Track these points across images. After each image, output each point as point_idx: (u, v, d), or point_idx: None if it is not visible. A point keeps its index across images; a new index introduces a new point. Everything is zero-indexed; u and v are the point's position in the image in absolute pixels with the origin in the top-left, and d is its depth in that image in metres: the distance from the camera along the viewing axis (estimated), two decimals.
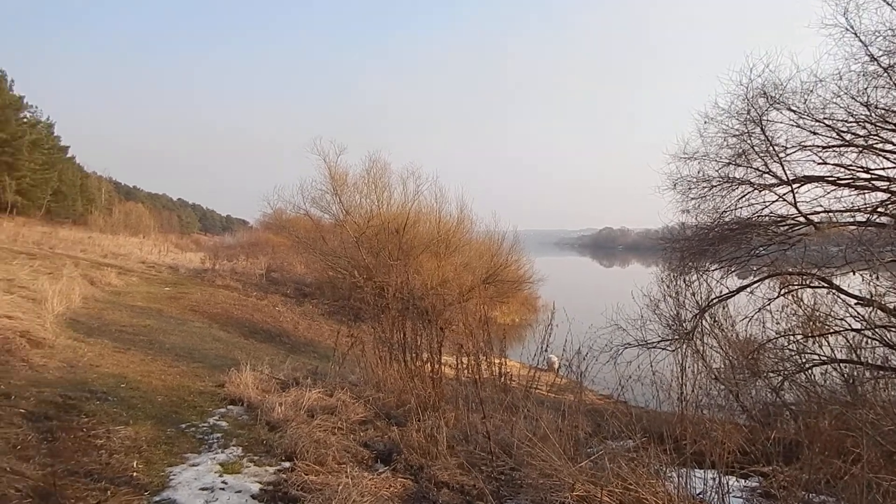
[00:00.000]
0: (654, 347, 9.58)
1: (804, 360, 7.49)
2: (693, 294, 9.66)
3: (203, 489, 3.40)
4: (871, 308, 6.91)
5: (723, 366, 8.02)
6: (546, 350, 6.05)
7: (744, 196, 9.49)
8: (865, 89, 8.03)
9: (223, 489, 3.42)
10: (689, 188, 10.00)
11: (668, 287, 9.99)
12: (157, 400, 5.33)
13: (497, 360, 6.45)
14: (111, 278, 15.14)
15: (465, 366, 6.48)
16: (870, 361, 6.86)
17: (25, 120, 39.30)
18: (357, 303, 20.04)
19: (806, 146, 8.80)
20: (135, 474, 3.50)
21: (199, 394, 5.86)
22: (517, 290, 28.17)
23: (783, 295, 8.42)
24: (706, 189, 9.78)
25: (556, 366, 8.69)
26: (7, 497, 2.92)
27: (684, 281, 9.97)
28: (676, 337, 9.57)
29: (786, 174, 8.91)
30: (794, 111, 8.68)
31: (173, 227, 68.86)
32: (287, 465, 3.87)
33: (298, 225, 28.49)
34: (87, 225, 43.91)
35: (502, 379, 6.42)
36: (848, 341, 7.15)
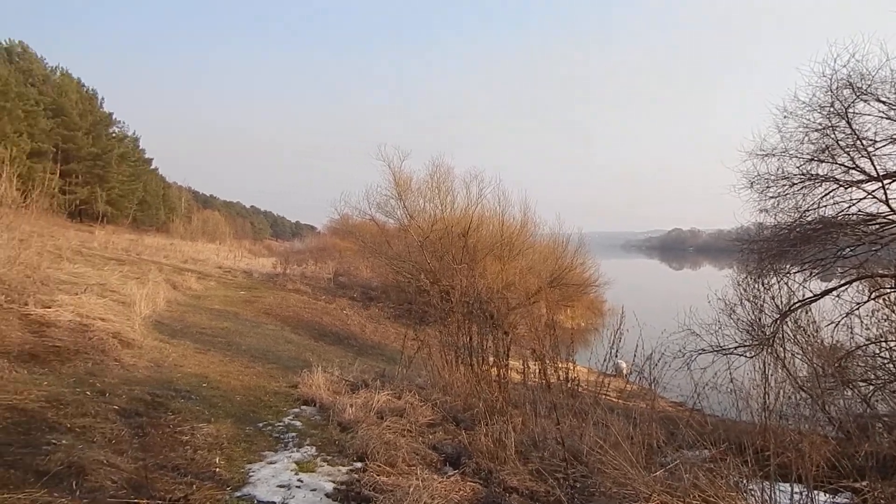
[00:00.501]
0: (730, 354, 9.16)
1: None
2: (773, 298, 9.19)
3: (280, 486, 3.53)
4: None
5: (807, 374, 7.58)
6: (616, 355, 5.91)
7: (828, 194, 8.93)
8: None
9: (299, 487, 3.54)
10: (768, 186, 9.51)
11: (745, 290, 9.54)
12: (235, 399, 5.60)
13: (564, 365, 6.36)
14: (191, 283, 15.99)
15: (531, 370, 6.43)
16: None
17: (114, 135, 42.24)
18: (422, 306, 20.30)
19: None
20: (217, 470, 3.68)
21: (274, 394, 6.11)
22: (582, 294, 27.65)
23: (873, 299, 7.89)
24: (786, 187, 9.27)
25: (625, 371, 8.47)
26: (104, 488, 3.14)
27: (763, 284, 9.49)
28: (755, 343, 9.12)
29: (875, 170, 8.33)
30: (883, 102, 8.11)
31: (247, 233, 71.95)
32: (359, 465, 3.96)
33: (364, 230, 29.10)
34: (168, 232, 46.58)
35: (570, 384, 6.32)
36: None
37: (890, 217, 8.35)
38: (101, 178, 38.48)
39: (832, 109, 8.49)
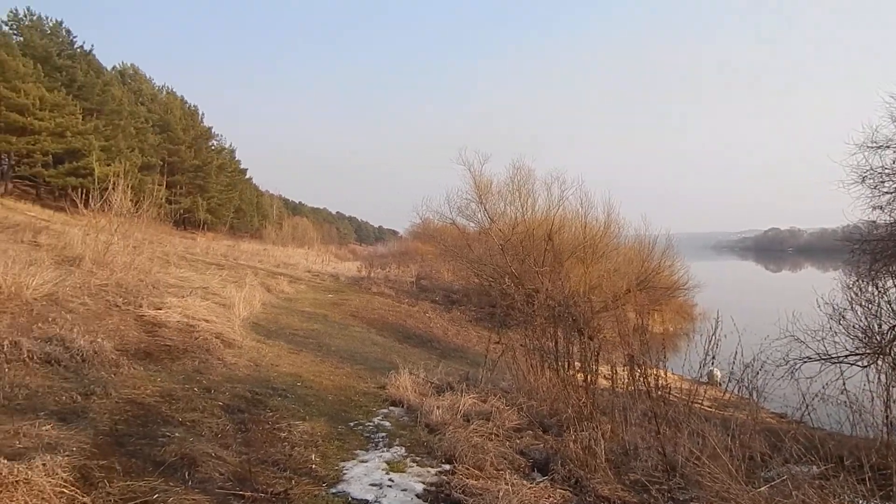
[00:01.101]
0: (840, 363, 8.46)
1: None
2: (889, 303, 8.41)
3: (373, 485, 3.63)
4: None
5: None
6: (712, 362, 5.62)
7: None
8: None
9: (390, 486, 3.62)
10: (882, 181, 8.73)
11: (856, 294, 8.78)
12: (328, 399, 5.82)
13: (655, 371, 6.12)
14: (284, 286, 16.79)
15: (620, 376, 6.24)
16: None
17: (213, 147, 45.19)
18: (504, 310, 20.21)
19: None
20: (314, 466, 3.84)
21: (363, 394, 6.29)
22: (671, 297, 26.51)
23: None
24: None
25: (719, 379, 8.03)
26: (213, 479, 3.35)
27: (877, 287, 8.71)
28: (870, 351, 8.38)
29: None
30: None
31: (333, 238, 74.68)
32: (447, 467, 4.00)
33: (445, 233, 29.41)
34: (262, 238, 49.23)
35: (661, 391, 6.08)
36: None
37: None
38: (202, 188, 41.33)
39: None
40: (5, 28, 28.75)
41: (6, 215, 16.94)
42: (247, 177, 54.62)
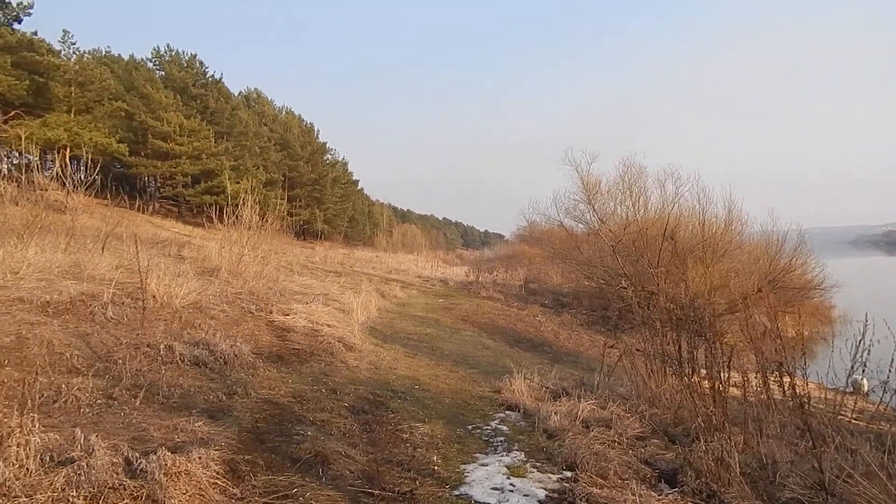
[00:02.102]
0: None
1: None
2: None
3: (494, 489, 3.64)
4: None
5: None
6: (862, 371, 5.06)
7: None
8: None
9: (512, 491, 3.62)
10: None
11: None
12: (445, 402, 5.94)
13: (792, 379, 5.63)
14: (396, 291, 17.37)
15: (752, 383, 5.81)
16: None
17: (328, 161, 47.82)
18: (618, 313, 19.54)
19: None
20: (436, 468, 3.93)
21: (479, 398, 6.35)
22: (804, 299, 24.22)
23: None
24: None
25: (866, 389, 7.24)
26: (343, 476, 3.54)
27: None
28: None
29: None
30: None
31: (440, 244, 76.15)
32: (568, 474, 3.93)
33: (553, 236, 28.98)
34: (374, 246, 51.31)
35: (800, 401, 5.57)
36: None
37: None
38: (319, 200, 43.85)
39: None
40: (150, 64, 32.36)
41: (156, 232, 18.98)
42: (358, 187, 57.22)
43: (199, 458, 3.05)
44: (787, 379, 4.92)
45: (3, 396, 3.55)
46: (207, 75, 33.96)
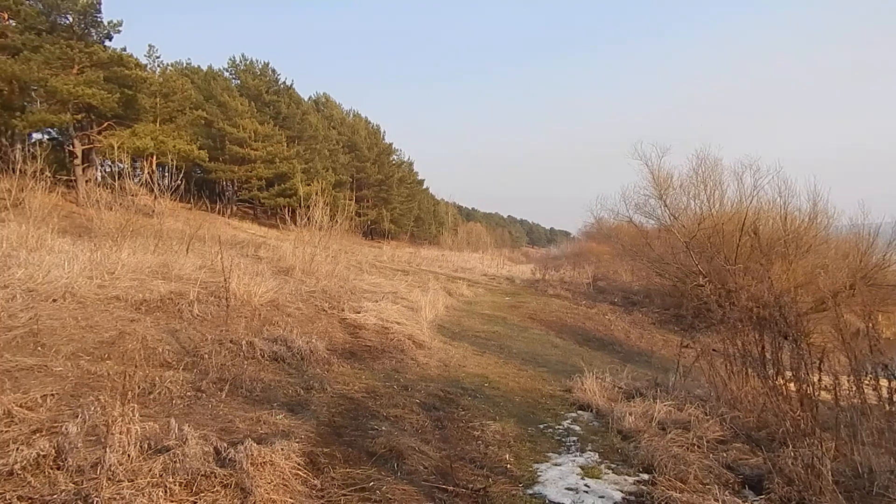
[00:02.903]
0: None
1: None
2: None
3: (568, 489, 3.60)
4: None
5: None
6: None
7: None
8: None
9: (587, 492, 3.57)
10: None
11: None
12: (515, 400, 5.91)
13: (890, 383, 5.24)
14: (463, 290, 17.44)
15: (844, 386, 5.45)
16: None
17: (394, 162, 48.60)
18: (693, 311, 18.80)
19: None
20: (508, 466, 3.92)
21: (549, 397, 6.29)
22: None
23: None
24: None
25: None
26: (418, 472, 3.59)
27: None
28: None
29: None
30: None
31: (505, 241, 75.76)
32: (646, 477, 3.83)
33: (621, 232, 28.22)
34: (439, 244, 51.68)
35: None
36: None
37: None
38: (386, 200, 44.66)
39: None
40: (226, 74, 33.97)
41: (234, 234, 19.92)
42: (424, 187, 57.77)
43: (282, 449, 3.18)
44: (885, 382, 4.60)
45: (106, 387, 3.84)
46: (279, 82, 35.24)
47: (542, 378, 7.42)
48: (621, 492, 3.59)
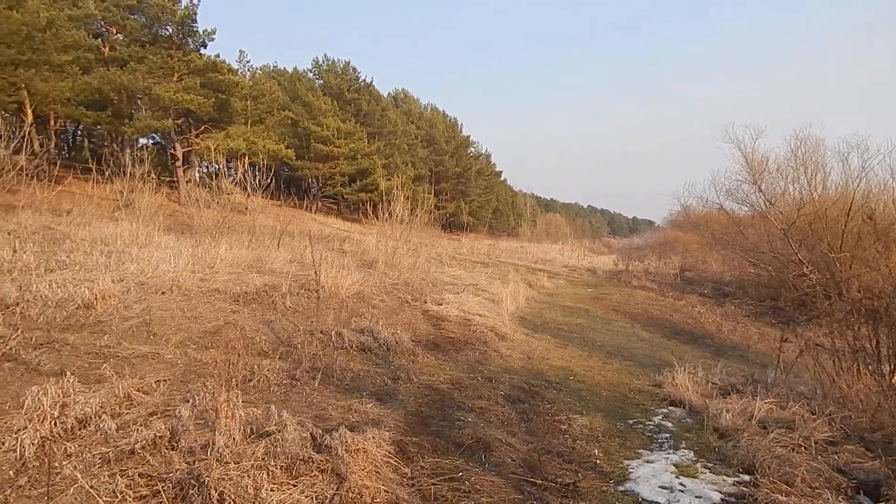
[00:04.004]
0: None
1: None
2: None
3: (662, 487, 3.48)
4: None
5: None
6: None
7: None
8: None
9: (682, 491, 3.43)
10: None
11: None
12: (602, 394, 5.78)
13: None
14: (543, 281, 17.24)
15: None
16: None
17: (472, 154, 48.69)
18: (792, 303, 17.61)
19: None
20: (598, 462, 3.84)
21: (637, 391, 6.09)
22: None
23: None
24: None
25: None
26: (505, 464, 3.59)
27: None
28: None
29: None
30: None
31: (585, 232, 74.13)
32: (746, 478, 3.63)
33: (711, 220, 26.82)
34: (517, 236, 51.37)
35: None
36: None
37: None
38: (464, 193, 44.87)
39: None
40: (310, 74, 35.27)
41: (320, 229, 20.69)
42: (502, 178, 57.51)
43: (374, 437, 3.28)
44: None
45: (211, 375, 4.11)
46: (360, 80, 36.16)
47: (629, 372, 7.20)
48: (720, 493, 3.42)
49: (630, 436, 4.52)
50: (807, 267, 16.11)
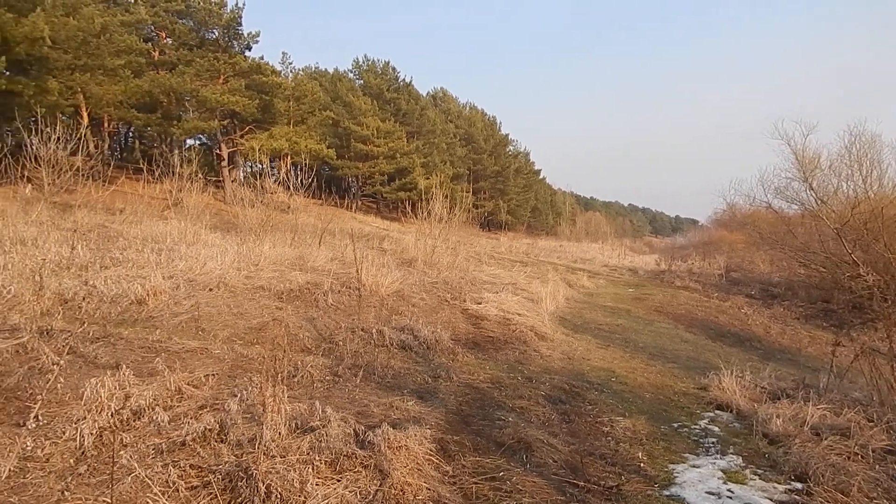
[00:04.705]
0: None
1: None
2: None
3: (709, 493, 3.39)
4: None
5: None
6: None
7: None
8: None
9: (731, 497, 3.34)
10: None
11: None
12: (645, 396, 5.67)
13: None
14: (583, 281, 17.02)
15: None
16: None
17: (510, 153, 48.46)
18: (845, 305, 16.93)
19: None
20: (642, 465, 3.77)
21: (682, 394, 5.96)
22: None
23: None
24: None
25: None
26: (547, 465, 3.56)
27: None
28: None
29: None
30: None
31: (626, 231, 72.87)
32: (798, 486, 3.50)
33: (758, 219, 25.99)
34: (556, 235, 50.88)
35: None
36: None
37: None
38: (502, 191, 44.70)
39: None
40: (350, 75, 35.74)
41: (360, 227, 20.94)
42: (540, 177, 57.02)
43: (415, 435, 3.30)
44: None
45: (257, 370, 4.21)
46: (399, 80, 36.44)
47: (673, 374, 7.05)
48: (771, 500, 3.31)
49: (675, 439, 4.42)
50: (862, 268, 15.46)
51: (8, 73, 13.13)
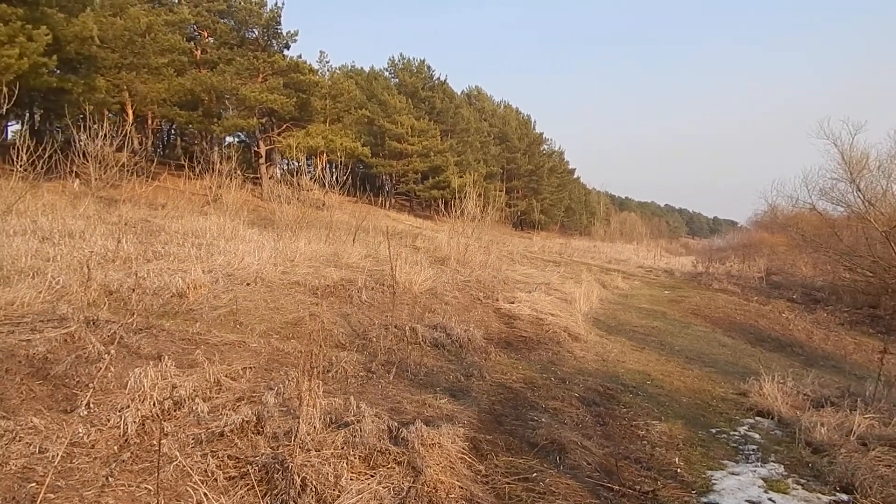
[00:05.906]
0: None
1: None
2: None
3: (749, 502, 3.31)
4: None
5: None
6: None
7: None
8: None
9: None
10: None
11: None
12: (682, 400, 5.56)
13: None
14: (618, 282, 16.77)
15: None
16: None
17: (544, 152, 48.06)
18: (893, 311, 16.29)
19: None
20: (678, 471, 3.69)
21: (720, 399, 5.82)
22: None
23: None
24: None
25: None
26: (581, 467, 3.52)
27: None
28: None
29: None
30: None
31: (662, 232, 71.42)
32: (844, 497, 3.39)
33: (801, 221, 25.18)
34: (590, 235, 50.25)
35: None
36: None
37: None
38: (536, 190, 44.38)
39: None
40: (386, 73, 35.98)
41: (393, 225, 21.06)
42: (574, 176, 56.41)
43: (448, 433, 3.30)
44: None
45: (293, 364, 4.27)
46: (434, 78, 36.51)
47: (711, 379, 6.89)
48: None
49: (713, 445, 4.32)
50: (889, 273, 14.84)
51: (59, 71, 13.63)
